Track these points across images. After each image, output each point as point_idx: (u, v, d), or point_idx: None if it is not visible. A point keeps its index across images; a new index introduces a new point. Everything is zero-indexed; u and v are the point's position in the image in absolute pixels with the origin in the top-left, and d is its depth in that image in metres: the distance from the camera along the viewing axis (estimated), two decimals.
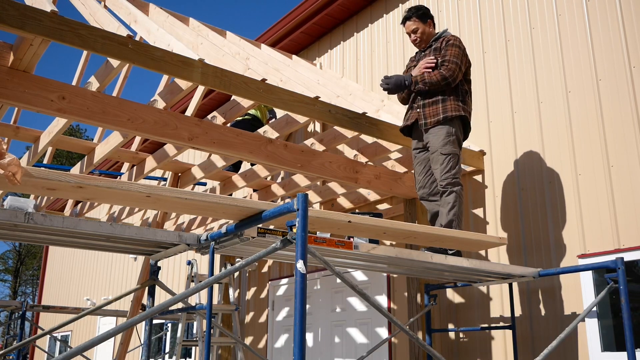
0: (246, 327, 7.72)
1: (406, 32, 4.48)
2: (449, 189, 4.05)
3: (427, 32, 4.44)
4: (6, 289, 41.84)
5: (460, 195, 4.07)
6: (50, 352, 14.53)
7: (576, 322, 3.65)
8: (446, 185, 4.05)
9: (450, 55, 4.19)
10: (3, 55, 3.47)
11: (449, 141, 4.11)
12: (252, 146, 4.42)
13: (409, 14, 4.44)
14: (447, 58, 4.19)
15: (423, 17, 4.42)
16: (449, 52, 4.21)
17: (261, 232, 3.04)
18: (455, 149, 4.12)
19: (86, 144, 5.57)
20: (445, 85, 4.16)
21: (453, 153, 4.10)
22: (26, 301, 7.95)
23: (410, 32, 4.45)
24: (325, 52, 7.54)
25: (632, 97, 4.23)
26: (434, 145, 4.14)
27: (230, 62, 4.12)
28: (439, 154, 4.09)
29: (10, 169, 2.36)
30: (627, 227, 4.07)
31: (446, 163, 4.06)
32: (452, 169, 4.07)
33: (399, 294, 5.57)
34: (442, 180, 4.07)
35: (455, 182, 4.06)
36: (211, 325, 3.28)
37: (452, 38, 4.30)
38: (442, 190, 4.08)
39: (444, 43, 4.29)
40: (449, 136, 4.11)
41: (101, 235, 3.08)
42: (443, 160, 4.07)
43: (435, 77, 4.15)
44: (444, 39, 4.33)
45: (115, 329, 2.36)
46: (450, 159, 4.08)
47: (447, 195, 4.06)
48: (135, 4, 5.16)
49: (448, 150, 4.09)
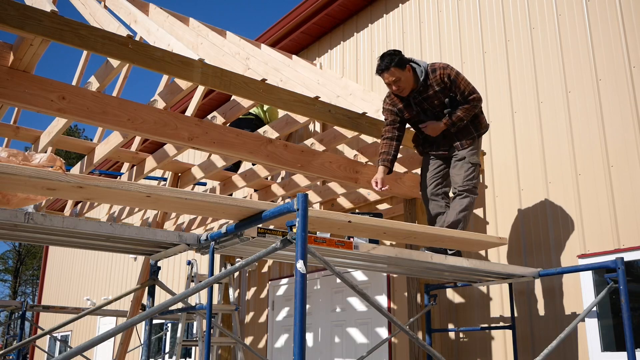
0: (246, 327, 7.72)
1: (385, 82, 4.11)
2: (466, 194, 4.13)
3: (408, 77, 4.07)
4: (6, 289, 41.87)
5: (473, 203, 4.18)
6: (50, 352, 14.52)
7: (576, 322, 3.65)
8: (465, 190, 4.13)
9: (464, 86, 4.07)
10: (3, 55, 3.47)
11: (476, 152, 4.25)
12: (252, 146, 4.42)
13: (386, 64, 4.00)
14: (463, 89, 4.06)
15: (401, 64, 4.02)
16: (462, 84, 4.07)
17: (261, 232, 3.04)
18: (479, 160, 4.27)
19: (86, 144, 5.57)
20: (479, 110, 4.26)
21: (478, 164, 4.24)
22: (26, 301, 7.95)
23: (390, 83, 4.08)
24: (325, 52, 7.54)
25: (632, 97, 4.23)
26: (462, 152, 4.21)
27: (230, 62, 4.12)
28: (467, 162, 4.18)
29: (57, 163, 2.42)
30: (627, 227, 4.07)
31: (471, 171, 4.16)
32: (475, 178, 4.19)
33: (399, 294, 5.57)
34: (462, 185, 4.14)
35: (474, 190, 4.16)
36: (211, 325, 3.28)
37: (450, 72, 4.05)
38: (459, 192, 4.15)
39: (446, 79, 4.04)
40: (475, 148, 4.26)
41: (101, 235, 3.08)
42: (468, 168, 4.17)
43: (469, 112, 4.13)
44: (441, 75, 4.04)
45: (115, 329, 2.36)
46: (475, 168, 4.20)
47: (462, 197, 4.13)
48: (135, 4, 5.16)
49: (475, 160, 4.21)
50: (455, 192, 4.16)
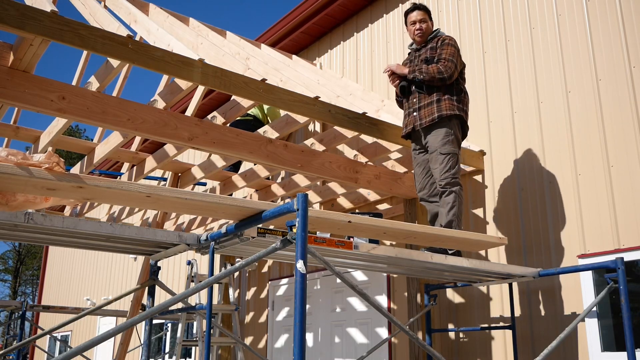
0: (246, 327, 7.72)
1: (412, 20, 4.46)
2: (448, 189, 4.05)
3: (428, 28, 4.48)
4: (6, 289, 41.88)
5: (459, 195, 4.08)
6: (50, 352, 14.52)
7: (576, 322, 3.65)
8: (445, 185, 4.06)
9: (447, 54, 4.24)
10: (3, 55, 3.47)
11: (448, 141, 4.12)
12: (252, 146, 4.42)
13: (422, 5, 4.51)
14: (444, 56, 4.23)
15: (429, 14, 4.52)
16: (445, 50, 4.26)
17: (261, 232, 3.04)
18: (454, 148, 4.13)
19: (86, 144, 5.57)
20: (439, 81, 4.16)
21: (452, 152, 4.11)
22: (26, 301, 7.95)
23: (417, 21, 4.44)
24: (325, 52, 7.54)
25: (632, 97, 4.23)
26: (433, 145, 4.15)
27: (230, 62, 4.12)
28: (438, 154, 4.10)
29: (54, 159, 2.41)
30: (627, 227, 4.07)
31: (445, 162, 4.07)
32: (452, 168, 4.07)
33: (399, 294, 5.57)
34: (441, 180, 4.07)
35: (454, 182, 4.07)
36: (211, 325, 3.28)
37: (447, 38, 4.35)
38: (441, 190, 4.08)
39: (439, 42, 4.34)
40: (447, 136, 4.12)
41: (101, 235, 3.08)
42: (442, 159, 4.08)
43: (432, 70, 4.19)
44: (439, 38, 4.37)
45: (115, 329, 2.36)
46: (450, 158, 4.08)
47: (446, 195, 4.06)
48: (135, 4, 5.16)
49: (447, 149, 4.09)
50: (439, 189, 4.11)
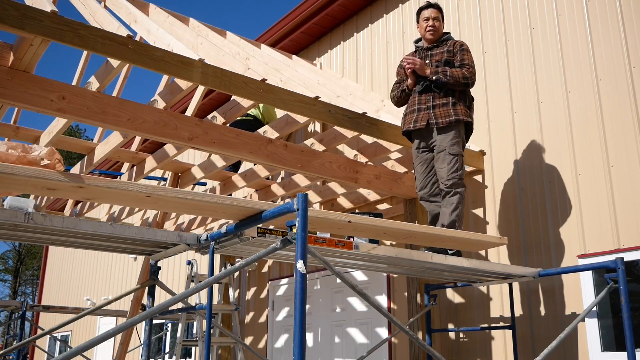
0: (246, 327, 7.72)
1: (425, 17, 4.45)
2: (454, 190, 4.08)
3: (440, 27, 4.48)
4: (6, 289, 41.88)
5: (463, 196, 4.12)
6: (50, 352, 14.52)
7: (576, 322, 3.65)
8: (451, 186, 4.08)
9: (469, 60, 4.28)
10: (3, 55, 3.47)
11: (456, 142, 4.15)
12: (252, 146, 4.41)
13: (434, 4, 4.52)
14: (467, 62, 4.26)
15: (442, 14, 4.54)
16: (466, 56, 4.29)
17: (261, 232, 3.04)
18: (461, 150, 4.18)
19: (86, 144, 5.57)
20: (463, 86, 4.21)
21: (460, 154, 4.15)
22: (26, 301, 7.95)
23: (431, 18, 4.44)
24: (325, 52, 7.54)
25: (632, 97, 4.23)
26: (441, 144, 4.16)
27: (230, 62, 4.12)
28: (447, 154, 4.12)
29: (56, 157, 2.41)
30: (627, 227, 4.07)
31: (453, 163, 4.10)
32: (459, 169, 4.12)
33: (399, 294, 5.57)
34: (448, 180, 4.09)
35: (460, 183, 4.11)
36: (211, 325, 3.28)
37: (464, 43, 4.37)
38: (446, 190, 4.10)
39: (457, 47, 4.32)
40: (456, 137, 4.16)
41: (101, 235, 3.08)
42: (450, 160, 4.11)
43: (457, 74, 4.17)
44: (456, 43, 4.36)
45: (115, 329, 2.36)
46: (457, 159, 4.13)
47: (451, 195, 4.09)
48: (135, 4, 5.16)
49: (455, 150, 4.13)
50: (443, 188, 4.12)
